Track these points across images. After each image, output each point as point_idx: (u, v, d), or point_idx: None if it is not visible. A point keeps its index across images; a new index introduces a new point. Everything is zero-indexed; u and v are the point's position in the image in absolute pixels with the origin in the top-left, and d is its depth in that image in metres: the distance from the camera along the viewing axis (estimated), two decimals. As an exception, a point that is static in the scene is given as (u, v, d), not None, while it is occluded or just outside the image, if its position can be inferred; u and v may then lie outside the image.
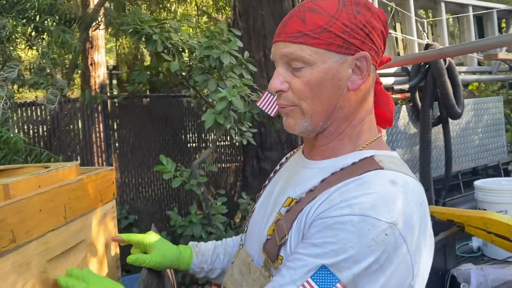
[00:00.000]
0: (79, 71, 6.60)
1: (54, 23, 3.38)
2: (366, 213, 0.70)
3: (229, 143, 5.25)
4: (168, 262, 1.11)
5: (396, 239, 0.70)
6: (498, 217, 2.17)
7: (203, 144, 5.07)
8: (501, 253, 2.83)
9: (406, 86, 3.20)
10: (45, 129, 4.02)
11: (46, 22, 3.32)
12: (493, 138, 3.90)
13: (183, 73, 3.73)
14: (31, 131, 3.90)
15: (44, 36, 3.35)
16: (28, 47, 3.37)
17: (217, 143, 5.13)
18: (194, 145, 5.04)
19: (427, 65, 3.08)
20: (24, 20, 3.24)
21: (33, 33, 3.34)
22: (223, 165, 5.08)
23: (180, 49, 3.63)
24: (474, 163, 3.79)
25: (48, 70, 3.14)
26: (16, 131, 3.50)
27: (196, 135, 5.03)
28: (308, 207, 0.80)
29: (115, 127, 4.42)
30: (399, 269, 0.71)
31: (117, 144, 4.44)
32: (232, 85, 3.35)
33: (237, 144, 4.52)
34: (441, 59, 2.92)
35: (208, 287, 3.84)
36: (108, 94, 4.25)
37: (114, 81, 11.13)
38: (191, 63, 3.66)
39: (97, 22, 4.12)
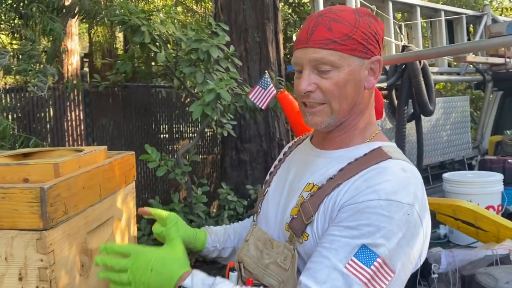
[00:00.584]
0: (56, 59, 6.51)
1: (40, 11, 3.38)
2: (390, 198, 0.84)
3: (207, 134, 5.34)
4: (187, 240, 1.20)
5: (415, 217, 0.86)
6: (465, 204, 2.41)
7: (177, 135, 5.13)
8: (465, 239, 3.09)
9: (384, 85, 3.42)
10: (24, 116, 4.00)
11: (33, 9, 3.32)
12: (460, 135, 4.20)
13: (169, 64, 3.81)
14: (10, 118, 3.87)
15: (30, 23, 3.35)
16: (11, 34, 3.36)
17: (191, 134, 5.23)
18: (176, 135, 5.11)
19: (404, 66, 3.30)
20: (8, 6, 3.24)
21: (16, 21, 3.33)
22: (200, 156, 5.17)
23: (166, 40, 3.70)
24: (442, 158, 4.07)
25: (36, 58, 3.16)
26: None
27: (174, 125, 5.10)
28: (334, 193, 0.91)
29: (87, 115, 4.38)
30: (418, 242, 0.87)
31: (96, 134, 4.45)
32: (218, 78, 3.46)
33: (218, 136, 4.63)
34: (417, 60, 3.14)
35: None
36: (89, 82, 4.24)
37: (86, 69, 10.97)
38: (178, 55, 3.74)
39: (75, 11, 4.10)
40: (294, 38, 6.12)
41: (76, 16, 4.26)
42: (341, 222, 0.87)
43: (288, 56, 6.16)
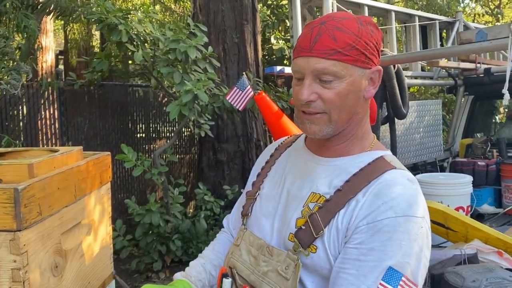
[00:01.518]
0: (31, 57, 6.38)
1: (15, 7, 3.32)
2: (407, 213, 0.86)
3: (184, 134, 5.33)
4: None
5: (427, 228, 0.89)
6: (435, 205, 2.48)
7: (154, 135, 5.10)
8: (435, 239, 3.17)
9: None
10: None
11: (7, 5, 3.26)
12: (432, 138, 4.31)
13: (147, 64, 3.79)
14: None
15: (4, 20, 3.29)
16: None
17: (168, 133, 5.21)
18: (152, 134, 5.07)
19: (379, 69, 3.37)
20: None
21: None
22: (177, 155, 5.15)
23: (143, 40, 3.68)
24: (415, 159, 4.17)
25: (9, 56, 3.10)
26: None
27: (151, 125, 5.07)
28: (347, 208, 0.90)
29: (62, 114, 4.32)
30: (430, 250, 0.91)
31: (71, 133, 4.38)
32: (196, 79, 3.46)
33: (195, 136, 4.62)
34: (392, 64, 3.21)
35: (163, 274, 3.92)
36: (64, 80, 4.18)
37: (61, 66, 10.74)
38: (155, 54, 3.72)
39: (50, 8, 4.03)
40: (272, 39, 6.15)
41: (52, 13, 4.20)
42: (364, 244, 0.86)
43: (267, 57, 6.20)
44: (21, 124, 4.08)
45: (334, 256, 0.90)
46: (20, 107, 4.05)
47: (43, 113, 4.17)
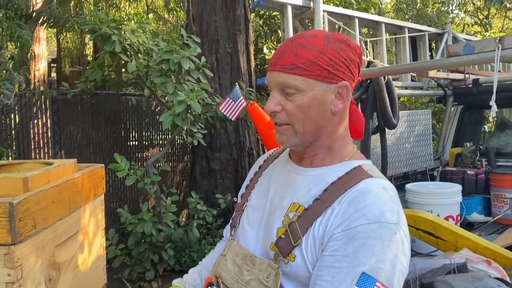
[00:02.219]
0: (24, 67, 6.38)
1: (8, 17, 3.33)
2: (379, 219, 0.88)
3: (177, 142, 5.33)
4: None
5: (402, 235, 0.90)
6: (425, 215, 2.51)
7: (147, 143, 5.11)
8: (426, 248, 3.21)
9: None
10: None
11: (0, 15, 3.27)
12: (422, 147, 4.37)
13: (140, 73, 3.81)
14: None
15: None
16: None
17: (161, 141, 5.22)
18: (144, 142, 5.08)
19: (369, 80, 3.43)
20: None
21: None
22: (169, 164, 5.15)
23: (136, 50, 3.70)
24: (406, 169, 4.22)
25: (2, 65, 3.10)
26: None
27: (144, 133, 5.07)
28: (323, 216, 0.93)
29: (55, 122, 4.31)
30: (406, 255, 0.91)
31: (64, 142, 4.38)
32: (189, 89, 3.49)
33: (188, 144, 4.63)
34: (382, 76, 3.27)
35: (155, 283, 3.91)
36: (57, 89, 4.18)
37: (54, 74, 10.70)
38: (149, 64, 3.75)
39: (43, 18, 4.04)
40: (265, 49, 6.21)
41: (45, 23, 4.21)
42: (338, 251, 0.89)
43: (259, 67, 6.25)
44: (13, 133, 4.06)
45: (312, 264, 0.93)
46: (13, 116, 4.04)
47: (35, 122, 4.16)
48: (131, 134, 4.93)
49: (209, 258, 1.27)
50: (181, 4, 7.59)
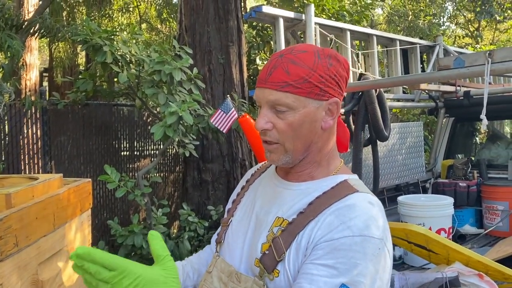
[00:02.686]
0: (14, 77, 6.33)
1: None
2: (364, 233, 0.87)
3: (169, 153, 5.30)
4: None
5: (385, 250, 0.89)
6: (417, 228, 2.50)
7: (138, 154, 5.07)
8: (418, 261, 3.20)
9: (341, 111, 3.52)
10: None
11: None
12: (414, 159, 4.38)
13: (132, 84, 3.79)
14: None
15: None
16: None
17: (153, 152, 5.18)
18: (136, 153, 5.04)
19: (360, 93, 3.44)
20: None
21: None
22: (161, 175, 5.12)
23: (128, 61, 3.69)
24: (398, 181, 4.22)
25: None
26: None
27: (135, 144, 5.04)
28: (306, 229, 0.92)
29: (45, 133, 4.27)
30: (388, 272, 0.91)
31: (54, 152, 4.33)
32: (181, 100, 3.47)
33: (180, 155, 4.60)
34: (373, 88, 3.28)
35: None
36: (48, 99, 4.14)
37: (45, 83, 10.65)
38: (140, 75, 3.73)
39: (35, 28, 4.02)
40: (258, 60, 6.22)
41: (37, 33, 4.19)
42: (318, 260, 0.88)
43: (252, 78, 6.26)
44: (2, 143, 4.02)
45: (295, 277, 0.91)
46: (2, 126, 3.99)
47: (25, 132, 4.11)
48: (122, 145, 4.89)
49: (195, 256, 1.26)
50: (174, 14, 7.61)
